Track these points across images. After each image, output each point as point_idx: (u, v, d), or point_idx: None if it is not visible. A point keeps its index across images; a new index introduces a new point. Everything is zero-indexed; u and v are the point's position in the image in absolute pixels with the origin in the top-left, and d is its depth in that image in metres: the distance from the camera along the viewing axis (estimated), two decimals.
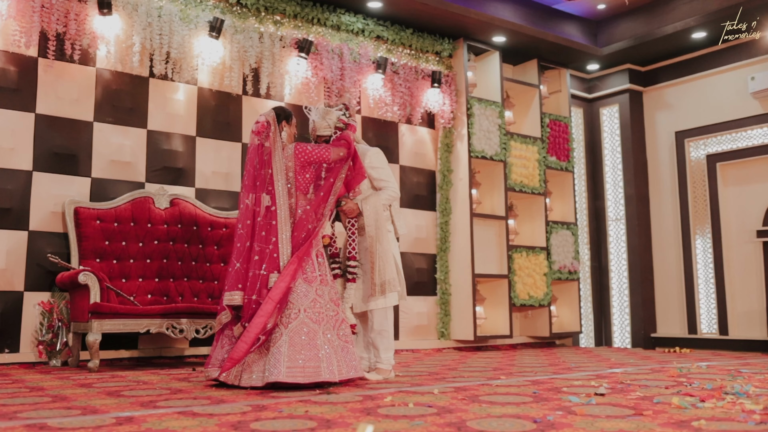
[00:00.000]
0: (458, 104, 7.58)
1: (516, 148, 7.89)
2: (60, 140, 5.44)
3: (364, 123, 7.15)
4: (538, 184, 7.99)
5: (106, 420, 2.69)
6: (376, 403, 3.12)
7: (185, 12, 5.86)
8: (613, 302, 8.63)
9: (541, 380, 4.05)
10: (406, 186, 7.38)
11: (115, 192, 5.61)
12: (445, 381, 4.06)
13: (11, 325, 5.12)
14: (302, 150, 4.06)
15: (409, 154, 7.46)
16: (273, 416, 2.77)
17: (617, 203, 8.69)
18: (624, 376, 4.25)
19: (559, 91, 8.56)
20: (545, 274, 7.88)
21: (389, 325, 4.29)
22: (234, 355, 3.73)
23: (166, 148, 5.92)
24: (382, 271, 4.16)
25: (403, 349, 7.02)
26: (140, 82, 5.85)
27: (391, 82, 7.16)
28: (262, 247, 3.89)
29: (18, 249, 5.19)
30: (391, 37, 7.13)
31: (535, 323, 7.98)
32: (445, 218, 7.52)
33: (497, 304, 7.56)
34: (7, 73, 5.26)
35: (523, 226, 8.13)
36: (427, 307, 7.36)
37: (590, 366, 5.09)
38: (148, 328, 4.90)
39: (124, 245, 5.44)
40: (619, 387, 3.66)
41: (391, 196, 4.34)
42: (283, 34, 6.43)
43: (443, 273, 7.44)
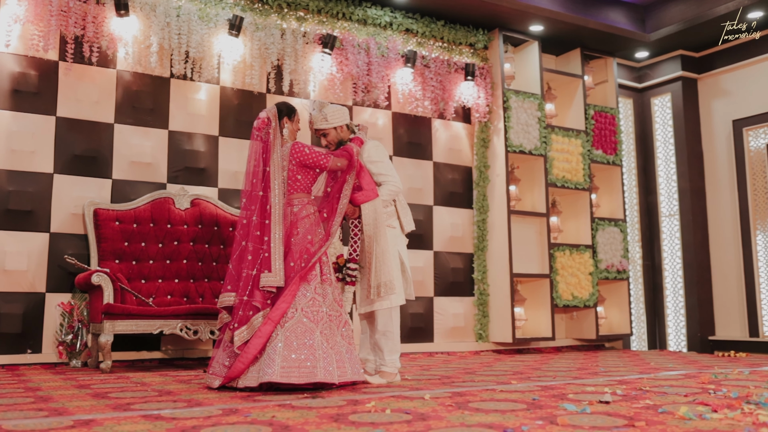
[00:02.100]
0: (494, 97, 7.29)
1: (558, 142, 7.54)
2: (81, 143, 5.48)
3: (395, 119, 6.96)
4: (582, 179, 7.61)
5: (63, 422, 2.60)
6: (354, 408, 2.93)
7: (204, 11, 5.82)
8: (668, 303, 8.14)
9: (555, 385, 3.77)
10: (440, 183, 7.15)
11: (136, 193, 5.61)
12: (451, 385, 3.83)
13: (34, 326, 5.17)
14: (299, 150, 3.90)
15: (443, 150, 7.22)
16: (234, 421, 2.63)
17: (671, 198, 8.20)
18: (649, 382, 3.92)
19: (605, 81, 8.14)
20: (591, 274, 7.50)
21: (394, 326, 4.09)
22: (231, 374, 3.62)
23: (187, 148, 5.89)
24: (379, 272, 3.96)
25: (437, 351, 6.80)
26: (161, 82, 5.84)
27: (422, 76, 6.94)
28: (256, 246, 3.77)
29: (40, 251, 5.25)
30: (421, 30, 6.91)
31: (581, 325, 7.60)
32: (482, 216, 7.25)
33: (539, 305, 7.23)
34: (27, 77, 5.33)
35: (567, 223, 7.77)
36: (463, 308, 7.10)
37: (621, 370, 4.75)
38: (161, 329, 4.86)
39: (143, 246, 5.43)
40: (633, 394, 3.36)
41: (392, 190, 4.14)
42: (307, 30, 6.32)
43: (481, 273, 7.17)
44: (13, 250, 5.14)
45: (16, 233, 5.18)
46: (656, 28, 7.75)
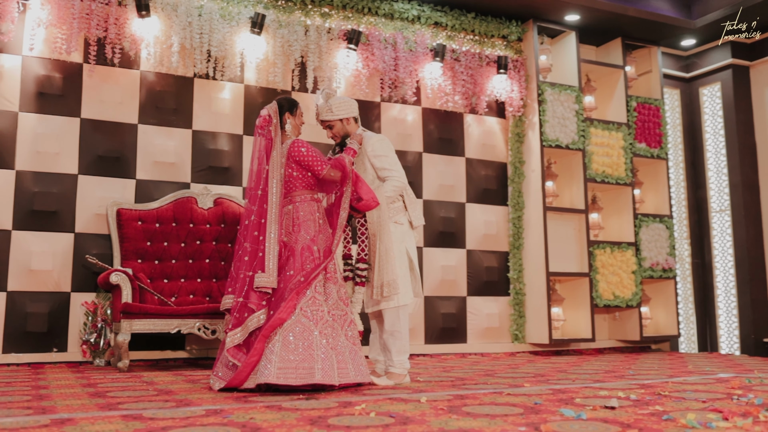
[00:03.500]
0: (528, 90, 7.06)
1: (597, 136, 7.24)
2: (105, 143, 5.53)
3: (424, 114, 6.81)
4: (624, 174, 7.29)
5: (40, 421, 2.58)
6: (340, 411, 2.82)
7: (226, 9, 5.80)
8: (719, 303, 7.73)
9: (569, 389, 3.57)
10: (473, 180, 6.96)
11: (160, 193, 5.63)
12: (460, 388, 3.67)
13: (59, 325, 5.24)
14: (296, 149, 3.79)
15: (476, 146, 7.03)
16: (209, 422, 2.54)
17: (721, 192, 7.79)
18: (674, 386, 3.67)
19: (649, 71, 7.79)
20: (633, 272, 7.17)
21: (402, 326, 3.94)
22: (234, 382, 3.53)
23: (211, 147, 5.88)
24: (383, 271, 3.82)
25: (471, 352, 6.61)
26: (184, 82, 5.85)
27: (452, 71, 6.77)
28: (254, 247, 3.69)
29: (65, 251, 5.32)
30: (451, 23, 6.74)
31: (625, 326, 7.28)
32: (518, 213, 7.02)
33: (578, 305, 6.96)
34: (52, 80, 5.41)
35: (609, 220, 7.46)
36: (498, 308, 6.89)
37: (651, 374, 4.49)
38: (179, 328, 4.84)
39: (165, 246, 5.44)
40: (647, 399, 3.13)
41: (396, 186, 3.99)
42: (331, 26, 6.24)
43: (516, 272, 6.94)
44: (38, 251, 5.22)
45: (42, 234, 5.25)
46: (703, 13, 7.37)
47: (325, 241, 3.80)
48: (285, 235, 3.79)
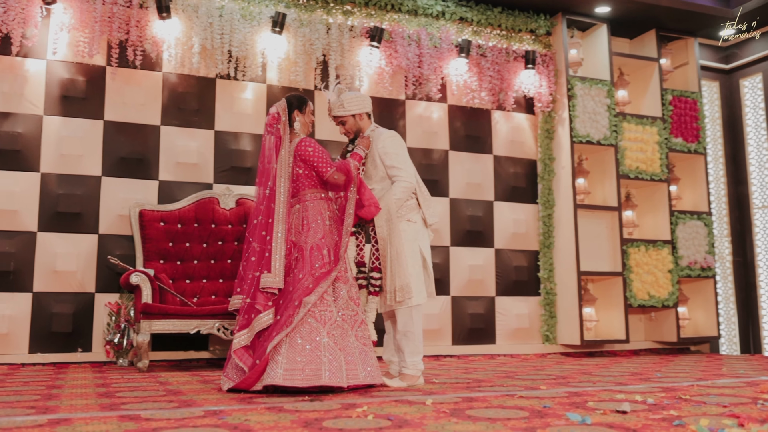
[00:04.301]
0: (558, 85, 6.89)
1: (630, 131, 7.03)
2: (128, 145, 5.57)
3: (450, 111, 6.69)
4: (659, 170, 7.06)
5: (38, 420, 2.57)
6: (339, 413, 2.75)
7: (247, 9, 5.79)
8: (762, 303, 7.43)
9: (586, 392, 3.43)
10: (501, 177, 6.82)
11: (182, 194, 5.65)
12: (474, 390, 3.56)
13: (84, 326, 5.30)
14: (303, 147, 3.74)
15: (504, 143, 6.89)
16: (203, 424, 2.50)
17: (764, 188, 7.48)
18: (699, 389, 3.50)
19: (685, 63, 7.53)
20: (670, 271, 6.93)
21: (415, 326, 3.84)
22: (242, 385, 3.47)
23: (233, 148, 5.88)
24: (395, 275, 3.74)
25: (500, 353, 6.48)
26: (206, 83, 5.86)
27: (478, 66, 6.65)
28: (261, 247, 3.64)
29: (89, 252, 5.37)
30: (476, 18, 6.62)
31: (661, 327, 7.04)
32: (548, 211, 6.85)
33: (611, 305, 6.76)
34: (76, 83, 5.48)
35: (644, 217, 7.23)
36: (528, 308, 6.73)
37: (679, 376, 4.30)
38: (198, 328, 4.84)
39: (187, 246, 5.45)
40: (664, 403, 2.98)
41: (405, 188, 3.87)
42: (354, 24, 6.18)
43: (547, 271, 6.78)
44: (63, 252, 5.28)
45: (66, 235, 5.32)
46: (743, 1, 7.09)
47: (333, 244, 3.73)
48: (294, 234, 3.74)
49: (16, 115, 5.30)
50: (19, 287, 5.17)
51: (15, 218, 5.20)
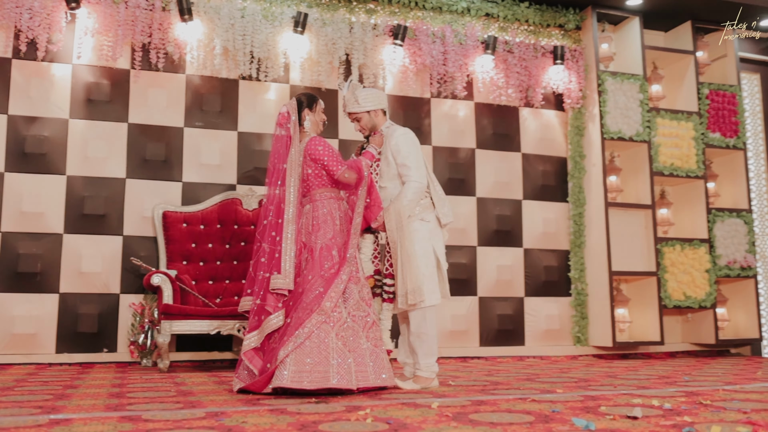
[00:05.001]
0: (588, 81, 6.72)
1: (664, 126, 6.81)
2: (151, 147, 5.62)
3: (477, 109, 6.58)
4: (696, 166, 6.82)
5: (39, 420, 2.58)
6: (339, 416, 2.69)
7: (269, 10, 5.78)
8: None
9: (601, 396, 3.31)
10: (530, 176, 6.68)
11: (206, 195, 5.67)
12: (488, 393, 3.47)
13: (109, 326, 5.36)
14: (313, 146, 3.70)
15: (533, 141, 6.74)
16: (199, 426, 2.47)
17: None
18: (724, 394, 3.35)
19: (723, 56, 7.27)
20: (707, 271, 6.69)
21: (428, 328, 3.76)
22: (252, 388, 3.45)
23: (257, 149, 5.88)
24: (406, 279, 3.68)
25: (529, 355, 6.34)
26: (229, 84, 5.88)
27: (504, 63, 6.52)
28: (271, 248, 3.61)
29: (113, 253, 5.43)
30: (503, 14, 6.50)
31: (699, 328, 6.80)
32: (579, 209, 6.68)
33: (645, 305, 6.56)
34: (100, 87, 5.54)
35: (680, 215, 7.00)
36: (558, 309, 6.58)
37: (707, 380, 4.13)
38: (219, 329, 4.85)
39: (210, 247, 5.46)
40: (682, 408, 2.85)
41: (416, 189, 3.77)
42: (377, 22, 6.13)
43: (578, 271, 6.61)
44: (88, 253, 5.35)
45: (91, 237, 5.38)
46: None
47: (343, 244, 3.68)
48: (305, 235, 3.70)
49: (43, 119, 5.38)
50: (46, 288, 5.25)
51: (42, 221, 5.29)
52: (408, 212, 3.75)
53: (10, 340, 5.12)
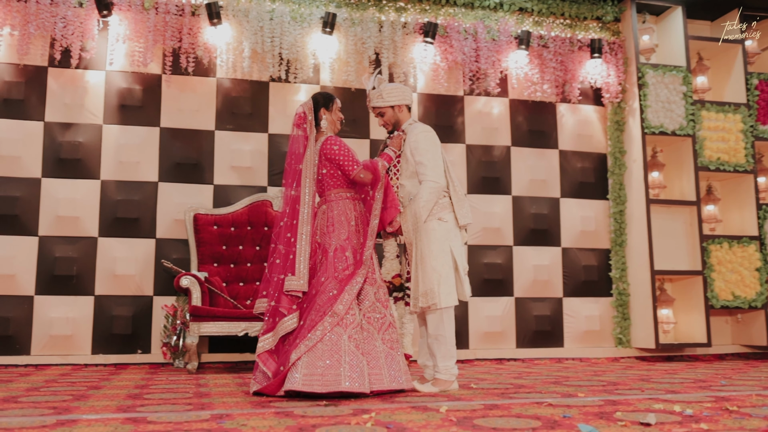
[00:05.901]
0: (627, 74, 6.51)
1: (710, 119, 6.54)
2: (183, 151, 5.68)
3: (512, 106, 6.45)
4: (744, 160, 6.52)
5: (46, 421, 2.61)
6: (342, 419, 2.64)
7: (297, 11, 5.78)
8: None
9: (626, 400, 3.17)
10: (567, 173, 6.50)
11: (237, 197, 5.70)
12: (504, 397, 3.36)
13: (143, 328, 5.44)
14: (329, 146, 3.66)
15: (571, 137, 6.57)
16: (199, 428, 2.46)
17: None
18: (756, 400, 3.17)
19: None
20: (758, 269, 6.39)
21: (446, 330, 3.67)
22: (265, 390, 3.43)
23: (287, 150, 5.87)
24: (419, 279, 3.62)
25: (568, 357, 6.17)
26: (259, 87, 5.90)
27: (539, 58, 6.37)
28: (287, 249, 3.58)
29: (146, 256, 5.51)
30: (537, 8, 6.35)
31: (749, 329, 6.51)
32: (620, 207, 6.48)
33: (691, 306, 6.31)
34: (133, 92, 5.64)
35: (727, 211, 6.71)
36: (599, 309, 6.39)
37: (745, 385, 3.92)
38: (246, 330, 4.86)
39: (240, 249, 5.49)
40: (704, 415, 2.70)
41: (432, 189, 3.68)
42: (407, 20, 6.06)
43: (619, 270, 6.41)
44: (122, 256, 5.44)
45: (125, 240, 5.48)
46: None
47: (358, 245, 3.64)
48: (320, 235, 3.67)
49: (78, 125, 5.51)
50: (82, 291, 5.37)
51: (77, 224, 5.41)
52: (425, 213, 3.68)
53: (48, 341, 5.25)
